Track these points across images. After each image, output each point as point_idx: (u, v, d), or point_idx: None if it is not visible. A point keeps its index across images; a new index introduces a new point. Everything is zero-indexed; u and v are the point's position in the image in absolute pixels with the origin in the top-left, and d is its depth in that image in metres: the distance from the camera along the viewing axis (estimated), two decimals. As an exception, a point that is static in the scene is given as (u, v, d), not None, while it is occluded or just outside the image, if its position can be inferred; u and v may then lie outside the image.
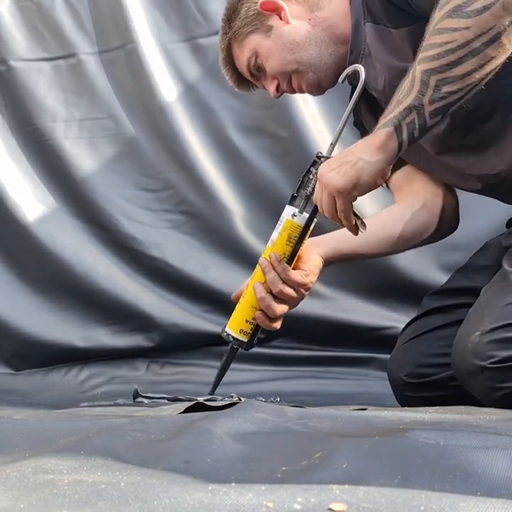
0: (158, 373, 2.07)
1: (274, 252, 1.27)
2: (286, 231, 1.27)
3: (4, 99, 2.21)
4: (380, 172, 1.11)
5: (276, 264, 1.26)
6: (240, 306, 1.32)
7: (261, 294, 1.27)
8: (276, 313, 1.28)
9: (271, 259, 1.27)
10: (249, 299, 1.30)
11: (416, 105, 1.06)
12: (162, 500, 0.51)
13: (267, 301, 1.27)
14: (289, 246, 1.28)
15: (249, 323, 1.30)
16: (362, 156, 1.10)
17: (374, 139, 1.10)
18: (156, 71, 2.13)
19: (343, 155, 1.14)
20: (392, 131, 1.08)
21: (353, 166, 1.10)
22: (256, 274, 1.30)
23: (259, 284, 1.28)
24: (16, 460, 0.68)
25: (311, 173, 1.26)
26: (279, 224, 1.29)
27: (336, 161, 1.14)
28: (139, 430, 0.84)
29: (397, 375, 1.38)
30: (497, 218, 1.60)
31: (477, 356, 1.13)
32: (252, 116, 2.12)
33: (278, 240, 1.28)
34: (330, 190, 1.13)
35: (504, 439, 0.72)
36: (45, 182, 2.20)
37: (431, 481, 0.59)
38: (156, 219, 2.17)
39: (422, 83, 1.05)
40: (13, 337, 2.13)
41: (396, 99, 1.09)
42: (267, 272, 1.27)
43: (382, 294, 2.03)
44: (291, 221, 1.27)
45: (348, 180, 1.11)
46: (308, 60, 1.36)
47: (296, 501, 0.50)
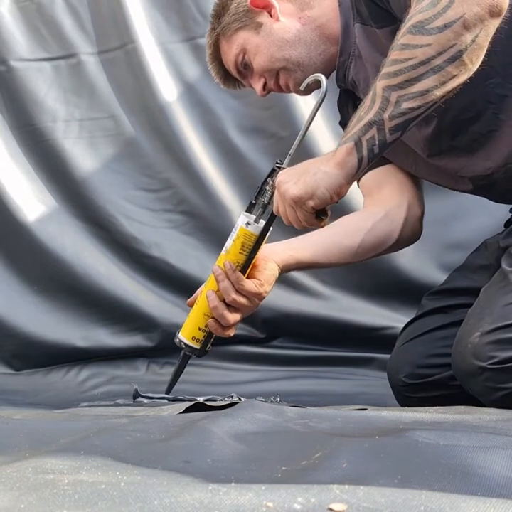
0: (158, 373, 2.07)
1: (228, 261, 1.26)
2: (239, 239, 1.26)
3: (4, 99, 2.21)
4: (337, 187, 1.10)
5: (230, 273, 1.25)
6: (192, 313, 1.31)
7: (214, 303, 1.26)
8: (229, 321, 1.27)
9: (225, 268, 1.26)
10: (201, 307, 1.29)
11: (376, 121, 1.05)
12: (162, 500, 0.51)
13: (220, 310, 1.26)
14: (242, 255, 1.26)
15: (202, 330, 1.30)
16: (322, 167, 1.10)
17: (335, 154, 1.10)
18: (156, 71, 2.13)
19: (303, 167, 1.14)
20: (352, 147, 1.08)
21: (312, 176, 1.10)
22: (209, 282, 1.29)
23: (212, 292, 1.27)
24: (16, 460, 0.68)
25: (269, 182, 1.25)
26: (233, 232, 1.28)
27: (294, 172, 1.14)
28: (139, 430, 0.84)
29: (396, 375, 1.38)
30: (496, 218, 1.60)
31: (477, 357, 1.13)
32: (252, 117, 2.12)
33: (232, 248, 1.27)
34: (289, 202, 1.13)
35: (504, 439, 0.72)
36: (45, 182, 2.20)
37: (431, 480, 0.59)
38: (156, 219, 2.17)
39: (383, 99, 1.04)
40: (13, 337, 2.13)
41: (357, 116, 1.08)
42: (220, 281, 1.26)
43: (382, 294, 2.03)
44: (244, 229, 1.26)
45: (304, 189, 1.10)
46: (296, 59, 1.35)
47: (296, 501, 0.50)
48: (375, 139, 1.06)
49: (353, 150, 1.08)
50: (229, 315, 1.27)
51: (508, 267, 1.23)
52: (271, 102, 2.09)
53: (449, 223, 2.00)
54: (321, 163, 1.11)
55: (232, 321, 1.28)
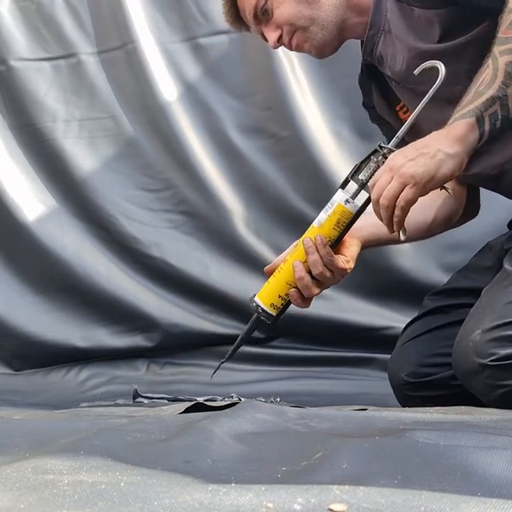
0: (158, 373, 2.07)
1: (320, 235, 1.24)
2: (336, 215, 1.24)
3: (4, 99, 2.21)
4: (459, 165, 1.08)
5: (321, 247, 1.24)
6: (274, 280, 1.30)
7: (301, 273, 1.25)
8: (312, 293, 1.27)
9: (316, 241, 1.24)
10: (285, 275, 1.28)
11: (500, 96, 1.05)
12: (162, 500, 0.51)
13: (305, 281, 1.25)
14: (336, 231, 1.25)
15: (282, 298, 1.29)
16: (441, 147, 1.07)
17: (453, 130, 1.08)
18: (156, 71, 2.13)
19: (418, 146, 1.10)
20: (473, 123, 1.06)
21: (432, 158, 1.07)
22: (297, 252, 1.27)
23: (300, 263, 1.25)
24: (16, 460, 0.68)
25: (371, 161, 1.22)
26: (328, 206, 1.25)
27: (411, 151, 1.10)
28: (139, 430, 0.84)
29: (397, 374, 1.38)
30: (498, 218, 1.60)
31: (478, 354, 1.13)
32: (252, 117, 2.12)
33: (326, 222, 1.25)
34: (405, 178, 1.09)
35: (504, 439, 0.72)
36: (45, 182, 2.20)
37: (431, 481, 0.59)
38: (156, 219, 2.17)
39: (506, 74, 1.05)
40: (13, 337, 2.13)
41: (474, 90, 1.07)
42: (310, 253, 1.24)
43: (382, 294, 2.03)
44: (343, 206, 1.24)
45: (426, 171, 1.08)
46: (322, 21, 1.31)
47: (296, 502, 0.50)
48: (497, 114, 1.06)
49: (475, 125, 1.06)
50: (313, 287, 1.26)
51: (510, 266, 1.23)
52: (271, 102, 2.09)
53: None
54: (438, 142, 1.08)
55: (315, 293, 1.27)
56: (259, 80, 2.12)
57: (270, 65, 2.06)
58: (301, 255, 1.26)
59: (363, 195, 1.23)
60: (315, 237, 1.25)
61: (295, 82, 2.06)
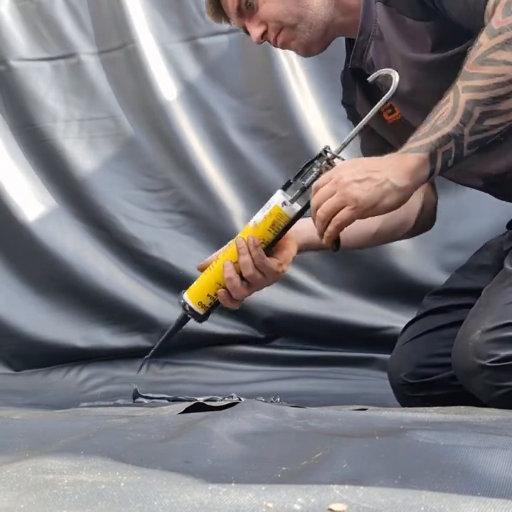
0: (158, 373, 2.07)
1: (253, 236, 1.21)
2: (271, 217, 1.21)
3: (4, 99, 2.21)
4: (403, 198, 1.07)
5: (253, 248, 1.21)
6: (204, 278, 1.27)
7: (230, 274, 1.22)
8: (241, 295, 1.24)
9: (248, 242, 1.21)
10: (215, 274, 1.25)
11: (456, 135, 1.03)
12: (162, 500, 0.51)
13: (234, 282, 1.22)
14: (270, 233, 1.22)
15: (210, 297, 1.26)
16: (390, 177, 1.05)
17: (405, 162, 1.05)
18: (156, 71, 2.13)
19: (368, 168, 1.08)
20: (426, 158, 1.04)
21: (379, 186, 1.06)
22: (229, 252, 1.25)
23: (230, 263, 1.23)
24: (16, 460, 0.68)
25: (315, 166, 1.20)
26: (266, 207, 1.23)
27: (360, 170, 1.08)
28: (139, 430, 0.84)
29: (397, 375, 1.38)
30: (498, 219, 1.59)
31: (478, 355, 1.13)
32: (252, 117, 2.12)
33: (261, 224, 1.22)
34: (347, 198, 1.07)
35: (504, 439, 0.72)
36: (46, 182, 2.20)
37: (431, 481, 0.59)
38: (156, 219, 2.17)
39: (466, 112, 1.02)
40: (13, 337, 2.13)
41: (432, 123, 1.04)
42: (241, 254, 1.22)
43: (382, 294, 2.03)
44: (280, 209, 1.21)
45: (370, 198, 1.06)
46: (310, 20, 1.27)
47: (296, 501, 0.50)
48: (451, 153, 1.04)
49: (427, 161, 1.04)
50: (242, 289, 1.23)
51: (511, 266, 1.23)
52: (271, 103, 2.09)
53: (450, 224, 2.00)
54: (389, 170, 1.06)
55: (243, 295, 1.25)
56: (259, 80, 2.12)
57: (270, 65, 2.06)
58: (233, 255, 1.23)
59: (303, 199, 1.20)
60: (248, 238, 1.22)
61: (295, 82, 2.06)
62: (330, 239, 1.13)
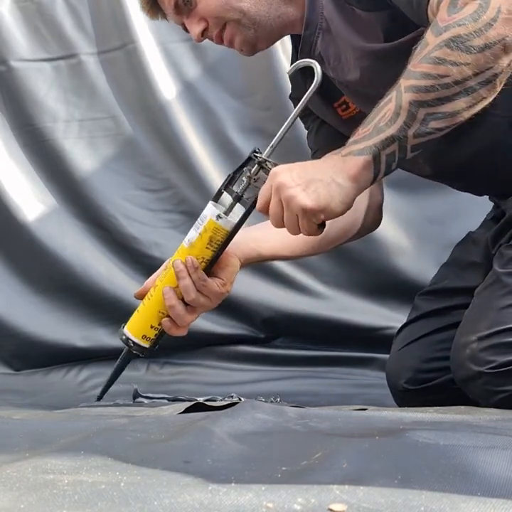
0: (158, 373, 2.07)
1: (191, 256, 1.14)
2: (207, 233, 1.13)
3: (4, 99, 2.21)
4: (350, 200, 1.02)
5: (193, 270, 1.14)
6: (144, 309, 1.18)
7: (171, 301, 1.15)
8: (186, 322, 1.18)
9: (187, 264, 1.14)
10: (156, 303, 1.17)
11: (400, 137, 0.98)
12: (162, 500, 0.51)
13: (177, 310, 1.16)
14: (209, 250, 1.14)
15: (154, 328, 1.18)
16: (335, 178, 1.00)
17: (348, 164, 1.00)
18: (156, 71, 2.13)
19: (309, 170, 1.03)
20: (369, 161, 0.99)
21: (325, 187, 1.00)
22: (167, 277, 1.16)
23: (170, 289, 1.15)
24: (16, 460, 0.68)
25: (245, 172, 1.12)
26: (199, 223, 1.14)
27: (299, 174, 1.02)
28: (139, 430, 0.84)
29: (396, 381, 1.35)
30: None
31: (475, 362, 1.12)
32: (252, 117, 2.12)
33: (197, 242, 1.13)
34: (293, 208, 1.01)
35: (504, 439, 0.72)
36: (46, 182, 2.20)
37: (431, 481, 0.59)
38: (156, 219, 2.17)
39: (409, 114, 0.97)
40: (13, 337, 2.13)
41: (374, 124, 0.99)
42: (181, 278, 1.14)
43: (382, 294, 2.03)
44: (214, 223, 1.12)
45: (317, 201, 1.00)
46: (254, 15, 1.21)
47: (296, 501, 0.50)
48: (395, 155, 0.99)
49: (371, 164, 1.00)
50: (186, 315, 1.17)
51: (499, 268, 1.21)
52: (271, 103, 2.09)
53: (449, 223, 2.00)
54: (332, 171, 1.01)
55: (189, 321, 1.18)
56: (258, 80, 2.12)
57: (270, 65, 2.06)
58: (172, 280, 1.15)
59: (239, 209, 1.12)
60: (186, 260, 1.14)
61: (295, 82, 2.06)
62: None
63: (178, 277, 1.14)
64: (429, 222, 1.88)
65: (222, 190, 1.15)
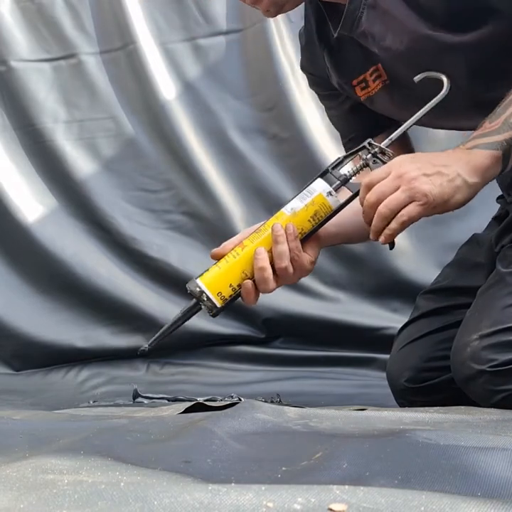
0: (158, 373, 2.07)
1: (292, 224, 1.09)
2: (314, 206, 1.10)
3: (4, 99, 2.21)
4: (472, 195, 1.02)
5: (292, 238, 1.09)
6: (227, 266, 1.10)
7: (263, 263, 1.08)
8: (269, 289, 1.11)
9: (287, 231, 1.09)
10: (242, 262, 1.10)
11: None
12: (162, 500, 0.51)
13: (267, 273, 1.09)
14: (310, 223, 1.11)
15: (232, 289, 1.11)
16: (461, 173, 1.00)
17: (475, 158, 1.01)
18: (157, 71, 2.13)
19: (436, 162, 1.02)
20: (498, 156, 1.00)
21: (450, 181, 1.00)
22: (262, 238, 1.10)
23: (264, 251, 1.09)
24: (16, 460, 0.68)
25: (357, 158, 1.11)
26: (306, 194, 1.11)
27: (426, 164, 1.02)
28: (139, 430, 0.84)
29: (397, 380, 1.35)
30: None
31: (476, 361, 1.12)
32: (253, 118, 2.13)
33: (301, 212, 1.10)
34: (416, 193, 1.00)
35: (505, 440, 0.72)
36: (46, 183, 2.20)
37: (431, 481, 0.59)
38: (156, 220, 2.17)
39: None
40: (13, 337, 2.13)
41: (505, 119, 1.00)
42: (279, 242, 1.08)
43: (382, 295, 2.03)
44: (324, 198, 1.10)
45: (441, 193, 1.00)
46: None
47: (296, 501, 0.50)
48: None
49: (500, 160, 1.00)
50: (272, 282, 1.10)
51: (503, 268, 1.21)
52: (272, 104, 2.09)
53: (449, 224, 2.00)
54: (459, 165, 1.01)
55: (270, 290, 1.11)
56: (259, 81, 2.12)
57: (270, 65, 2.07)
58: (267, 242, 1.10)
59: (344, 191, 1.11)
60: (286, 226, 1.09)
61: (295, 83, 2.06)
62: (392, 237, 1.05)
63: (276, 241, 1.09)
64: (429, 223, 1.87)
65: (329, 170, 1.12)
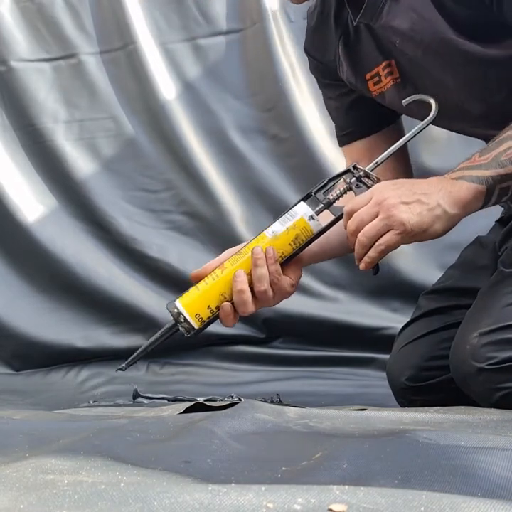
0: (158, 373, 2.07)
1: (273, 248, 1.11)
2: (295, 230, 1.11)
3: (4, 99, 2.21)
4: (452, 226, 1.02)
5: (272, 262, 1.10)
6: (206, 288, 1.11)
7: (242, 285, 1.09)
8: (247, 311, 1.11)
9: (267, 254, 1.10)
10: (220, 285, 1.11)
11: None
12: (162, 500, 0.51)
13: (246, 296, 1.09)
14: (291, 247, 1.13)
15: (210, 311, 1.11)
16: (441, 203, 1.00)
17: (458, 190, 1.00)
18: (157, 71, 2.13)
19: (416, 189, 1.02)
20: (482, 191, 1.00)
21: (430, 211, 1.00)
22: (241, 261, 1.12)
23: (244, 274, 1.10)
24: (16, 460, 0.68)
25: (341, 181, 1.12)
26: (288, 218, 1.12)
27: (406, 192, 1.01)
28: (138, 430, 0.84)
29: (398, 379, 1.35)
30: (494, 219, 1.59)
31: (475, 358, 1.12)
32: (253, 118, 2.13)
33: (282, 235, 1.12)
34: (394, 222, 1.00)
35: (504, 439, 0.72)
36: (46, 183, 2.20)
37: (431, 481, 0.59)
38: (156, 220, 2.17)
39: None
40: (13, 337, 2.13)
41: (495, 156, 0.99)
42: (258, 266, 1.09)
43: (382, 295, 2.03)
44: (306, 222, 1.12)
45: (419, 223, 1.00)
46: None
47: (296, 502, 0.50)
48: (508, 191, 1.00)
49: (483, 194, 1.00)
50: (251, 304, 1.10)
51: (504, 268, 1.22)
52: (272, 104, 2.09)
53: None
54: (440, 195, 1.01)
55: (249, 312, 1.12)
56: (259, 81, 2.12)
57: (270, 66, 2.07)
58: (246, 265, 1.11)
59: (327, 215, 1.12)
60: (266, 249, 1.10)
61: (295, 83, 2.06)
62: (371, 264, 1.07)
63: (255, 264, 1.10)
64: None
65: (312, 194, 1.13)
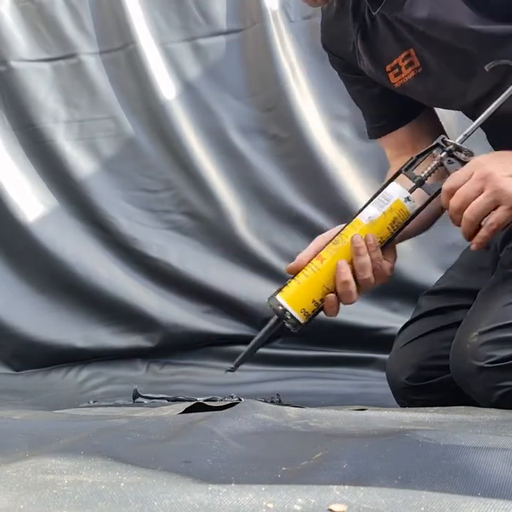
0: (158, 373, 2.07)
1: (372, 235, 1.07)
2: (392, 213, 1.07)
3: (4, 99, 2.21)
4: None
5: (373, 249, 1.07)
6: (308, 281, 1.08)
7: (347, 277, 1.06)
8: (351, 301, 1.09)
9: (367, 242, 1.07)
10: (323, 276, 1.08)
11: None
12: (162, 500, 0.51)
13: (351, 286, 1.07)
14: (389, 231, 1.08)
15: (315, 303, 1.08)
16: None
17: None
18: (157, 71, 2.13)
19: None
20: None
21: None
22: (341, 251, 1.08)
23: (347, 264, 1.06)
24: (16, 460, 0.68)
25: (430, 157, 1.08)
26: (383, 202, 1.08)
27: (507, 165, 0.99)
28: (138, 430, 0.84)
29: (398, 378, 1.35)
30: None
31: (475, 357, 1.12)
32: (253, 118, 2.12)
33: (380, 220, 1.07)
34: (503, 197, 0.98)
35: (504, 440, 0.72)
36: (46, 183, 2.20)
37: (431, 481, 0.59)
38: (156, 220, 2.17)
39: None
40: (13, 337, 2.13)
41: None
42: (360, 255, 1.06)
43: (382, 295, 2.03)
44: (402, 204, 1.07)
45: None
46: None
47: (296, 502, 0.50)
48: None
49: None
50: (355, 294, 1.08)
51: (504, 268, 1.22)
52: (272, 104, 2.09)
53: (449, 224, 1.99)
54: None
55: (352, 302, 1.09)
56: (259, 81, 2.12)
57: (270, 66, 2.07)
58: (346, 254, 1.07)
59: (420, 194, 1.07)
60: (367, 237, 1.07)
61: (295, 83, 2.06)
62: (482, 244, 1.04)
63: (357, 253, 1.07)
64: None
65: (402, 172, 1.09)
